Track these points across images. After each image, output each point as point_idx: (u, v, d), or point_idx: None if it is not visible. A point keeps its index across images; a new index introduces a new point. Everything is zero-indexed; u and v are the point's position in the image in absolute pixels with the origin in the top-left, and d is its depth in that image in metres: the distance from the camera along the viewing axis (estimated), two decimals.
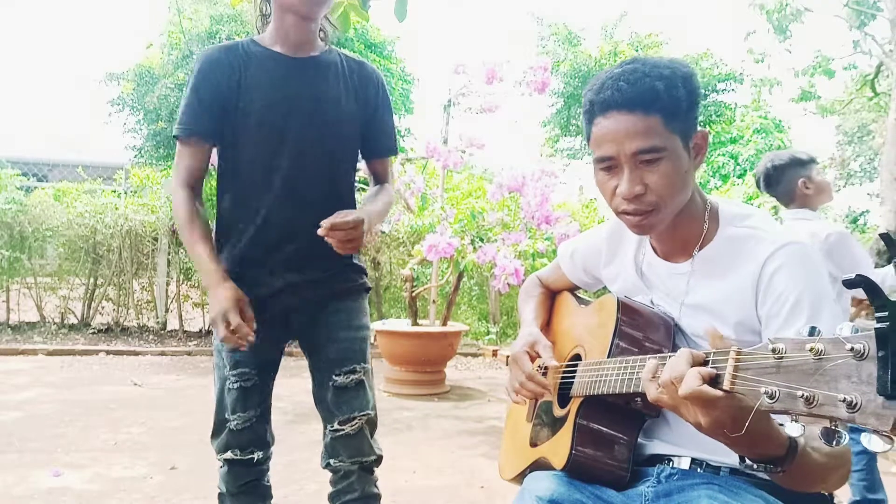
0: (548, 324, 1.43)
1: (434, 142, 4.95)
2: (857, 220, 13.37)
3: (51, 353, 5.94)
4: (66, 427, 3.58)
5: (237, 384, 1.54)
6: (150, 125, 9.77)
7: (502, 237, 4.66)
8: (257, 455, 1.58)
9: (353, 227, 1.37)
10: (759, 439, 0.78)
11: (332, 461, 1.58)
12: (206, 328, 6.83)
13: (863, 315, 2.79)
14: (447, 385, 5.02)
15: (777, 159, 2.50)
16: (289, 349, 1.67)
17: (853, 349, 0.61)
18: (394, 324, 5.18)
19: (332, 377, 1.54)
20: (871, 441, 0.59)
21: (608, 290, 1.29)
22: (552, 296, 1.48)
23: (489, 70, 4.74)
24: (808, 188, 2.43)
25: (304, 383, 1.62)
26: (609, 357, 1.07)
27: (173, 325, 7.12)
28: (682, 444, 1.09)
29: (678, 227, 1.09)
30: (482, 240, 4.84)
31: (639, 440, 1.11)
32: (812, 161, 2.48)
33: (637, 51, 13.98)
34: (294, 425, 3.68)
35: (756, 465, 0.81)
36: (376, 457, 1.59)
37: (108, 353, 6.10)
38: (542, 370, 1.25)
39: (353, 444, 1.55)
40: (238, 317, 1.36)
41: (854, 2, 9.43)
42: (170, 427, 3.67)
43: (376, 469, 1.61)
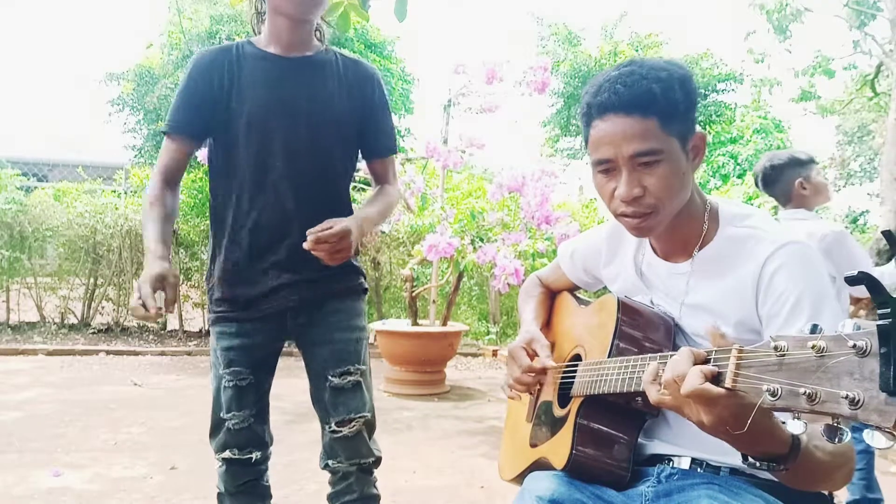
0: (548, 324, 1.42)
1: (434, 142, 4.94)
2: (857, 220, 13.37)
3: (51, 353, 5.94)
4: (66, 427, 3.58)
5: (232, 383, 1.54)
6: (149, 125, 9.79)
7: (502, 237, 4.66)
8: (255, 455, 1.58)
9: (340, 239, 1.36)
10: (762, 437, 0.78)
11: (330, 462, 1.58)
12: (206, 328, 6.83)
13: (862, 314, 2.79)
14: (447, 385, 5.02)
15: (775, 159, 2.49)
16: (288, 349, 1.67)
17: (855, 346, 0.61)
18: (394, 324, 5.17)
19: (328, 378, 1.54)
20: (873, 438, 0.59)
21: (608, 290, 1.29)
22: (552, 296, 1.48)
23: (489, 70, 4.73)
24: (804, 189, 2.42)
25: (304, 383, 1.62)
26: (609, 357, 1.07)
27: (173, 325, 7.12)
28: (682, 443, 1.09)
29: (678, 228, 1.08)
30: (482, 240, 4.83)
31: (639, 440, 1.11)
32: (811, 161, 2.46)
33: (637, 51, 13.98)
34: (294, 425, 3.68)
35: (759, 464, 0.80)
36: (375, 458, 1.59)
37: (108, 353, 6.10)
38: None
39: (352, 445, 1.54)
40: (149, 289, 1.29)
41: (854, 2, 9.43)
42: (170, 427, 3.67)
43: (375, 470, 1.61)
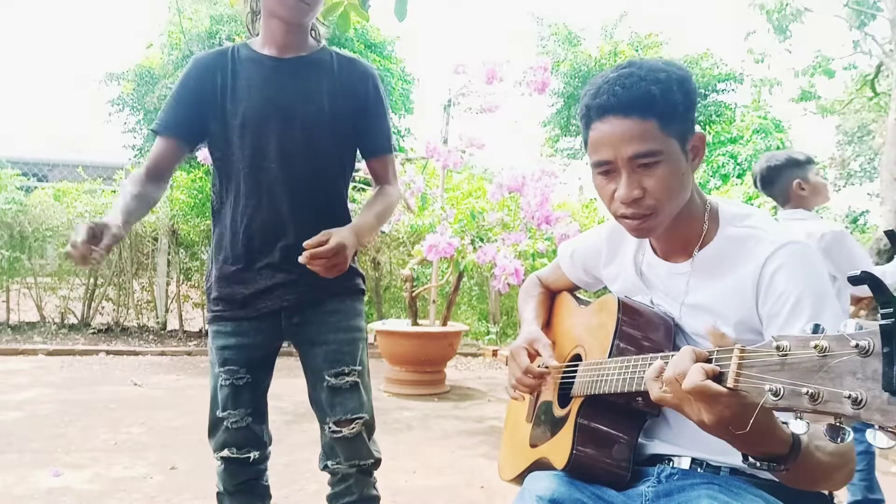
0: (548, 324, 1.42)
1: (434, 142, 4.94)
2: (857, 220, 13.38)
3: (51, 353, 5.94)
4: (66, 427, 3.58)
5: (228, 382, 1.54)
6: (149, 125, 9.76)
7: (502, 237, 4.66)
8: (253, 455, 1.58)
9: (335, 254, 1.36)
10: (763, 437, 0.78)
11: (329, 463, 1.57)
12: (206, 328, 6.83)
13: (862, 314, 2.78)
14: (447, 385, 5.02)
15: (773, 160, 2.48)
16: (287, 349, 1.66)
17: (858, 346, 0.60)
18: (394, 324, 5.17)
19: (325, 378, 1.53)
20: (876, 437, 0.59)
21: (608, 290, 1.29)
22: (552, 296, 1.48)
23: (489, 70, 4.73)
24: (803, 189, 2.41)
25: (303, 383, 1.62)
26: (610, 357, 1.07)
27: (173, 325, 7.12)
28: (682, 443, 1.09)
29: (678, 228, 1.08)
30: (482, 240, 4.83)
31: (639, 440, 1.11)
32: (809, 162, 2.45)
33: (637, 51, 13.98)
34: (294, 425, 3.68)
35: (759, 464, 0.80)
36: (374, 460, 1.59)
37: (108, 353, 6.10)
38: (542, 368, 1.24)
39: (352, 447, 1.54)
40: (84, 234, 1.25)
41: (854, 2, 9.43)
42: (170, 427, 3.67)
43: (375, 471, 1.61)
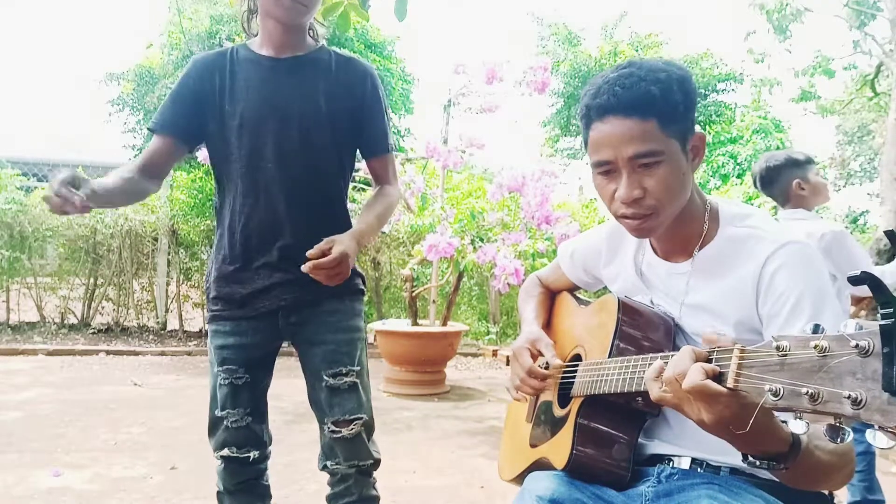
0: (548, 324, 1.42)
1: (434, 142, 4.94)
2: (857, 220, 13.38)
3: (51, 353, 5.94)
4: (66, 427, 3.58)
5: (227, 381, 1.54)
6: (149, 125, 9.77)
7: (502, 237, 4.66)
8: (253, 454, 1.58)
9: (338, 264, 1.37)
10: (763, 436, 0.78)
11: (329, 463, 1.57)
12: (205, 328, 6.83)
13: (862, 314, 2.78)
14: (447, 385, 5.02)
15: (772, 160, 2.47)
16: (287, 349, 1.66)
17: (858, 346, 0.60)
18: (394, 324, 5.17)
19: (323, 378, 1.53)
20: (875, 437, 0.59)
21: (608, 290, 1.29)
22: (552, 296, 1.48)
23: (489, 70, 4.73)
24: (802, 189, 2.40)
25: (303, 383, 1.62)
26: (610, 357, 1.07)
27: (173, 325, 7.12)
28: (682, 443, 1.09)
29: (678, 228, 1.08)
30: (482, 240, 4.83)
31: (639, 440, 1.11)
32: (809, 162, 2.45)
33: (637, 51, 13.98)
34: (294, 425, 3.68)
35: (759, 463, 0.80)
36: (374, 460, 1.58)
37: (108, 353, 6.10)
38: (544, 368, 1.24)
39: (351, 447, 1.54)
40: (65, 176, 1.23)
41: (854, 2, 9.43)
42: (170, 427, 3.67)
43: (374, 472, 1.60)
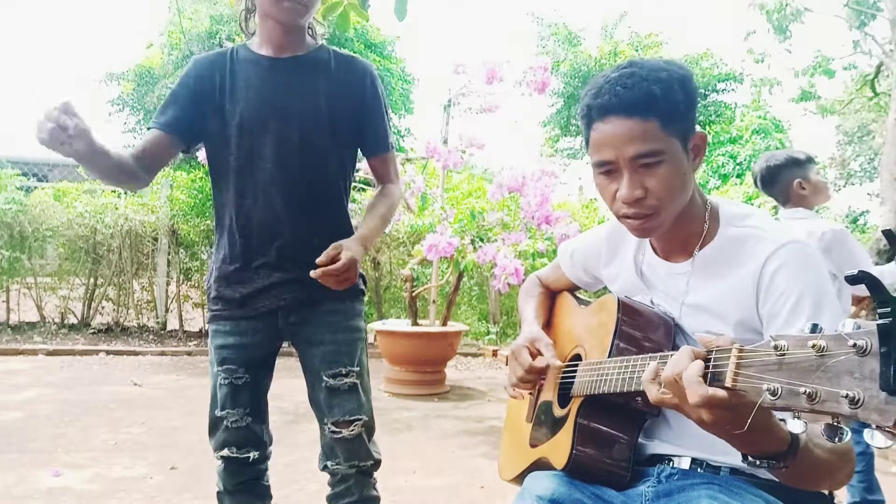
0: (548, 324, 1.42)
1: (434, 142, 4.94)
2: (857, 220, 13.38)
3: (51, 353, 5.93)
4: (66, 427, 3.58)
5: (227, 381, 1.54)
6: (149, 125, 9.77)
7: (502, 237, 4.66)
8: (253, 454, 1.58)
9: (347, 269, 1.38)
10: (761, 436, 0.78)
11: (329, 464, 1.57)
12: (206, 328, 6.83)
13: (862, 314, 2.78)
14: (447, 385, 5.02)
15: (773, 160, 2.47)
16: (288, 349, 1.66)
17: (855, 345, 0.60)
18: (394, 324, 5.17)
19: (323, 379, 1.53)
20: (873, 437, 0.59)
21: (608, 290, 1.29)
22: (552, 296, 1.48)
23: (489, 70, 4.73)
24: (803, 189, 2.40)
25: (304, 383, 1.62)
26: (609, 357, 1.07)
27: (173, 325, 7.12)
28: (682, 443, 1.09)
29: (678, 227, 1.08)
30: (482, 240, 4.83)
31: (639, 440, 1.11)
32: (809, 161, 2.45)
33: (637, 51, 13.98)
34: (294, 425, 3.68)
35: (758, 463, 0.81)
36: (374, 461, 1.58)
37: (108, 353, 6.10)
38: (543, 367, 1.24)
39: (351, 448, 1.54)
40: (59, 109, 1.21)
41: (854, 2, 9.42)
42: (170, 427, 3.67)
43: (375, 472, 1.61)
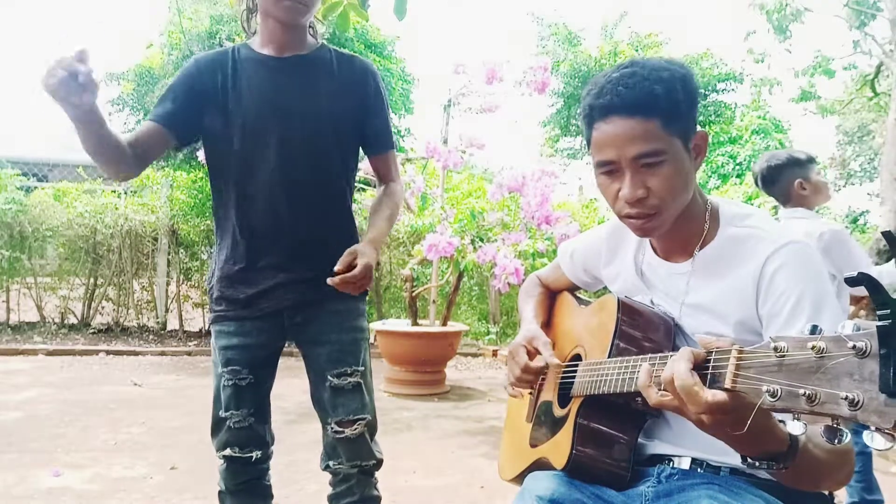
0: (548, 323, 1.42)
1: (434, 142, 4.94)
2: (857, 220, 13.36)
3: (51, 353, 5.94)
4: (66, 427, 3.58)
5: (231, 382, 1.54)
6: None
7: (502, 237, 4.66)
8: (256, 454, 1.58)
9: (363, 276, 1.41)
10: (761, 437, 0.78)
11: (331, 463, 1.58)
12: (206, 328, 6.83)
13: (862, 314, 2.78)
14: (447, 385, 5.02)
15: (774, 159, 2.48)
16: (289, 349, 1.67)
17: (855, 347, 0.60)
18: (394, 324, 5.17)
19: (327, 378, 1.54)
20: (873, 439, 0.59)
21: (608, 290, 1.29)
22: (552, 296, 1.48)
23: (489, 70, 4.73)
24: (804, 189, 2.40)
25: (305, 383, 1.62)
26: (609, 357, 1.07)
27: (173, 325, 7.12)
28: (682, 444, 1.09)
29: (679, 227, 1.08)
30: (482, 240, 4.83)
31: (639, 440, 1.11)
32: (810, 161, 2.45)
33: (637, 51, 13.96)
34: (295, 425, 3.68)
35: (758, 464, 0.81)
36: (376, 461, 1.59)
37: (108, 353, 6.10)
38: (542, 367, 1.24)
39: (354, 447, 1.54)
40: (75, 56, 1.16)
41: (854, 2, 9.42)
42: (170, 427, 3.67)
43: (377, 472, 1.61)
